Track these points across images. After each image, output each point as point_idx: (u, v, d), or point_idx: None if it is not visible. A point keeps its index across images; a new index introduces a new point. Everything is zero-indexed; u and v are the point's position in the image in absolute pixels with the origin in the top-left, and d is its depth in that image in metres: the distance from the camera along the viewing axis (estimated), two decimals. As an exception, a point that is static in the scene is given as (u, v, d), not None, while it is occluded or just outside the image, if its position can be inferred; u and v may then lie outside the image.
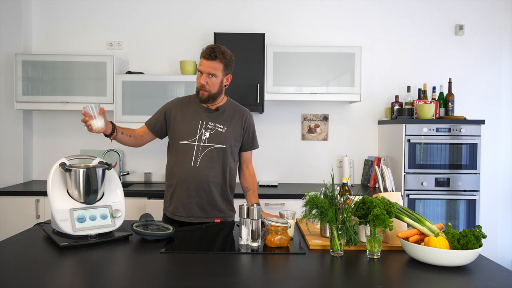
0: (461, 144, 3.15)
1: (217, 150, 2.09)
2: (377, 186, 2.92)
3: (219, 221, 2.10)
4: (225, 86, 2.13)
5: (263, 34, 3.29)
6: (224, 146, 2.10)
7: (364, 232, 1.60)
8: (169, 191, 2.16)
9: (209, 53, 2.01)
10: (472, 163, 3.15)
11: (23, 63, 3.28)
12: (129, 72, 3.41)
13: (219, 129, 2.11)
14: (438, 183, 3.15)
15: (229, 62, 2.07)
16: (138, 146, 2.21)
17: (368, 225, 1.53)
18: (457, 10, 3.65)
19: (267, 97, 3.32)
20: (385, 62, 3.67)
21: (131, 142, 2.13)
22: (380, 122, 3.66)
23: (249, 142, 2.22)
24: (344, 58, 3.32)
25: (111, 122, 1.97)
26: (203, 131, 2.08)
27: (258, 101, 3.28)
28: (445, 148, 3.15)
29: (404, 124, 3.15)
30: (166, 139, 2.23)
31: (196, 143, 2.07)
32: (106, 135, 1.97)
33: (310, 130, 3.70)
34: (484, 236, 1.46)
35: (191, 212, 2.09)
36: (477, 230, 1.47)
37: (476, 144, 3.15)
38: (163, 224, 1.83)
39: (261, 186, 3.40)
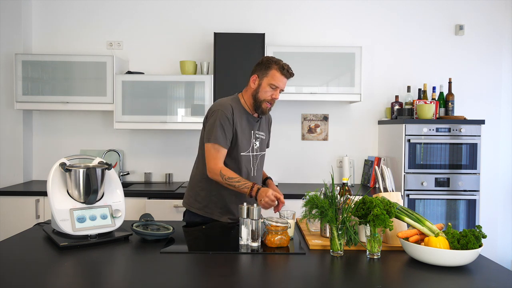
0: (461, 144, 3.15)
1: (262, 157, 2.20)
2: (377, 186, 2.92)
3: None
4: None
5: (263, 34, 3.29)
6: (265, 152, 2.21)
7: (364, 232, 1.60)
8: (216, 195, 2.07)
9: (289, 72, 2.05)
10: (472, 163, 3.15)
11: (23, 63, 3.28)
12: (129, 72, 3.41)
13: (262, 136, 2.19)
14: (438, 183, 3.14)
15: None
16: None
17: (368, 225, 1.53)
18: (457, 10, 3.65)
19: (267, 97, 3.32)
20: (385, 62, 3.67)
21: None
22: (380, 122, 3.66)
23: (268, 140, 2.31)
24: (344, 58, 3.32)
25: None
26: (254, 140, 2.13)
27: (258, 101, 3.27)
28: (445, 148, 3.15)
29: (404, 124, 3.15)
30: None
31: (251, 153, 2.12)
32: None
33: (310, 130, 3.70)
34: (484, 236, 1.46)
35: (234, 214, 2.09)
36: (477, 230, 1.47)
37: (476, 144, 3.15)
38: (163, 224, 1.83)
39: (261, 186, 3.41)
